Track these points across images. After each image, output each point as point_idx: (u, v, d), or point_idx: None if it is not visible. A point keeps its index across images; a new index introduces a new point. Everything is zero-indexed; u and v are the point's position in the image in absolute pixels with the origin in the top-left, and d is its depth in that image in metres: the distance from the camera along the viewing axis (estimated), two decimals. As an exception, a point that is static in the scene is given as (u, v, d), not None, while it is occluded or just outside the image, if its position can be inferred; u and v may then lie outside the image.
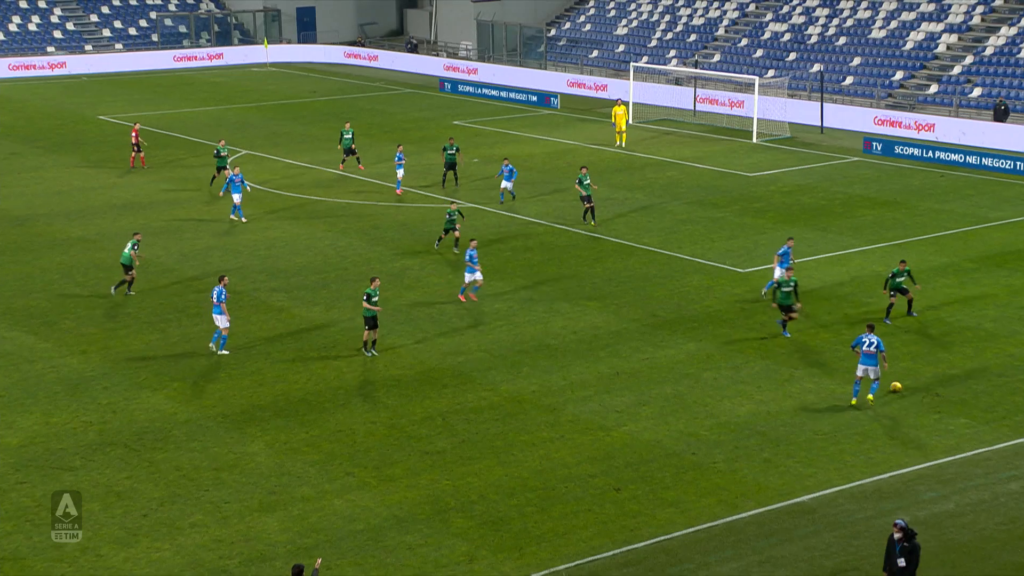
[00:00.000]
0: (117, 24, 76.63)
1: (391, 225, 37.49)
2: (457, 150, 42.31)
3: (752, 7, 67.02)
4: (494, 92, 62.62)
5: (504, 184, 39.45)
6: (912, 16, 59.58)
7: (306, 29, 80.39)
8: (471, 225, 36.87)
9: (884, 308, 28.83)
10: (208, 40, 78.21)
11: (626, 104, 50.28)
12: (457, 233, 33.70)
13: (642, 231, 36.53)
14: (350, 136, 44.69)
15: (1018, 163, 43.85)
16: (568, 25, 73.53)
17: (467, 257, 29.91)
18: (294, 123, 55.42)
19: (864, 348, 23.59)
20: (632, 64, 58.25)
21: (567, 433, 22.74)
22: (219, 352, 26.62)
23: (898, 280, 28.32)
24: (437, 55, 74.96)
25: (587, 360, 26.32)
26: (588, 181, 36.73)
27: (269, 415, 23.68)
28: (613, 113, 49.01)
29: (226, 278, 27.06)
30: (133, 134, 45.47)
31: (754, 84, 51.67)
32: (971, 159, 45.00)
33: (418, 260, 33.78)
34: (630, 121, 49.69)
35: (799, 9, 64.47)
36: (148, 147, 46.78)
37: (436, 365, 26.15)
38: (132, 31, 77.00)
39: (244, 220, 37.39)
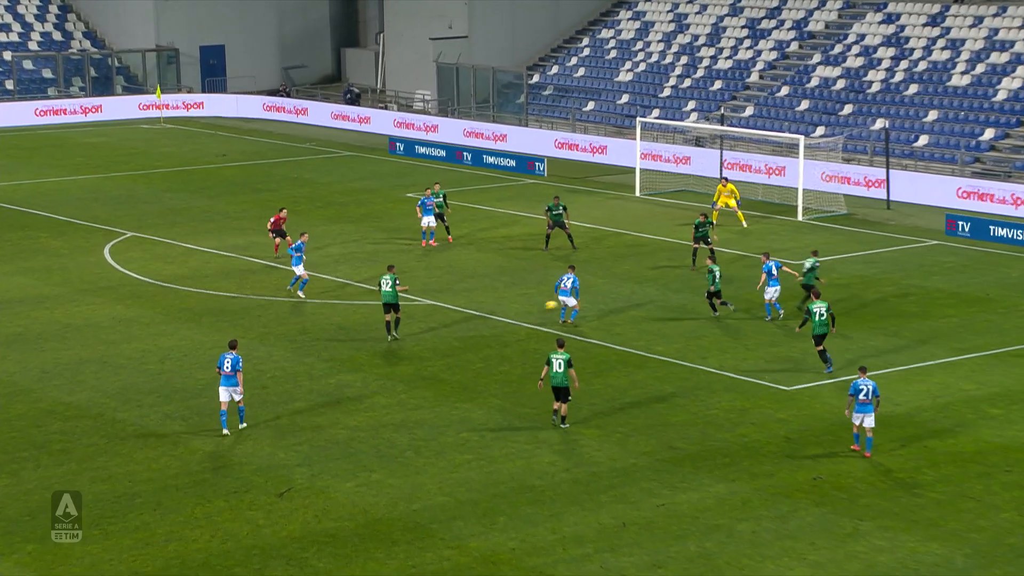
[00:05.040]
0: (-38, 68, 77.40)
1: (324, 328, 37.55)
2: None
3: (794, 46, 68.33)
4: (460, 156, 63.32)
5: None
6: (1004, 58, 60.86)
7: (213, 74, 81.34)
8: (427, 324, 37.00)
9: (973, 439, 28.98)
10: (82, 88, 78.95)
11: (732, 182, 50.38)
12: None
13: (655, 336, 36.69)
14: (440, 198, 46.83)
15: None
16: (556, 69, 74.73)
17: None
18: (196, 196, 55.71)
19: None
20: (639, 119, 59.14)
21: (558, 606, 22.61)
22: (240, 426, 30.05)
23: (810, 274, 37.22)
24: (386, 107, 75.86)
25: (584, 507, 26.23)
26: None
27: (159, 584, 23.46)
28: (717, 192, 49.49)
29: (236, 343, 30.16)
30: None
31: (799, 145, 52.45)
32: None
33: (360, 375, 33.77)
34: (738, 200, 49.34)
35: (856, 49, 65.74)
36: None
37: (384, 515, 26.01)
38: (-18, 77, 77.72)
39: (302, 296, 39.89)
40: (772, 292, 37.66)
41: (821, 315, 32.81)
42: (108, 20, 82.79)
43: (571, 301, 36.92)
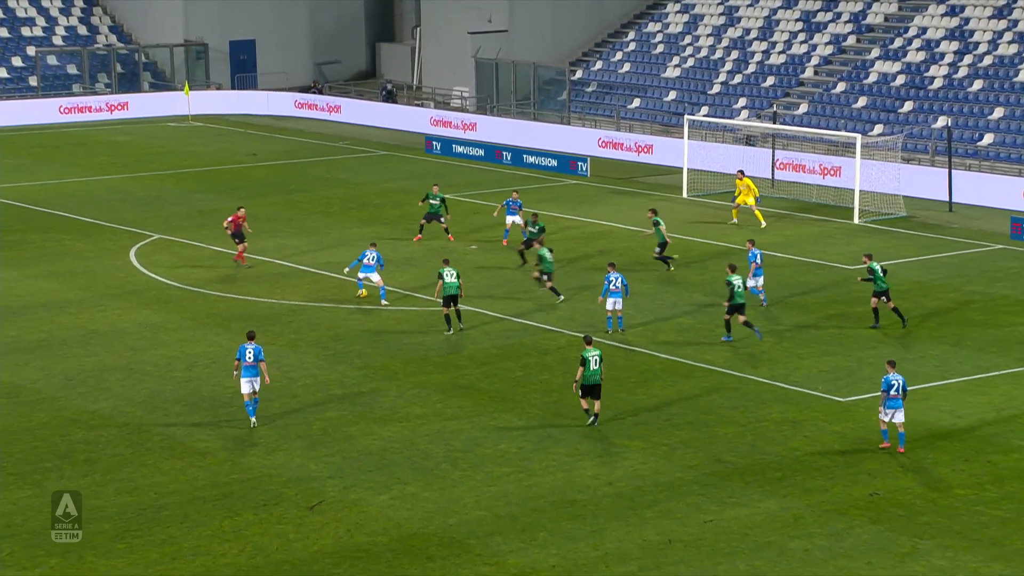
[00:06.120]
0: (-17, 63, 78.15)
1: (358, 335, 37.68)
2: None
3: (851, 40, 68.11)
4: (500, 155, 63.42)
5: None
6: (1071, 52, 60.48)
7: (243, 70, 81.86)
8: (464, 330, 37.03)
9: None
10: (108, 85, 79.55)
11: (750, 177, 50.65)
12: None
13: (702, 344, 36.67)
14: (438, 201, 47.08)
15: None
16: (600, 65, 74.76)
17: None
18: (226, 197, 56.01)
19: None
20: (687, 117, 59.09)
21: (601, 626, 22.65)
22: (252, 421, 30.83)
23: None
24: (422, 105, 76.09)
25: (628, 523, 26.25)
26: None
27: (185, 600, 23.67)
28: (736, 188, 49.75)
29: (254, 333, 31.13)
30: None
31: (855, 144, 52.29)
32: None
33: (394, 384, 33.89)
34: (757, 198, 49.65)
35: (916, 43, 65.46)
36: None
37: (419, 529, 26.09)
38: (2, 72, 78.34)
39: (385, 303, 40.03)
40: (755, 281, 39.08)
41: (739, 288, 35.78)
42: (135, 14, 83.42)
43: (620, 304, 37.04)
